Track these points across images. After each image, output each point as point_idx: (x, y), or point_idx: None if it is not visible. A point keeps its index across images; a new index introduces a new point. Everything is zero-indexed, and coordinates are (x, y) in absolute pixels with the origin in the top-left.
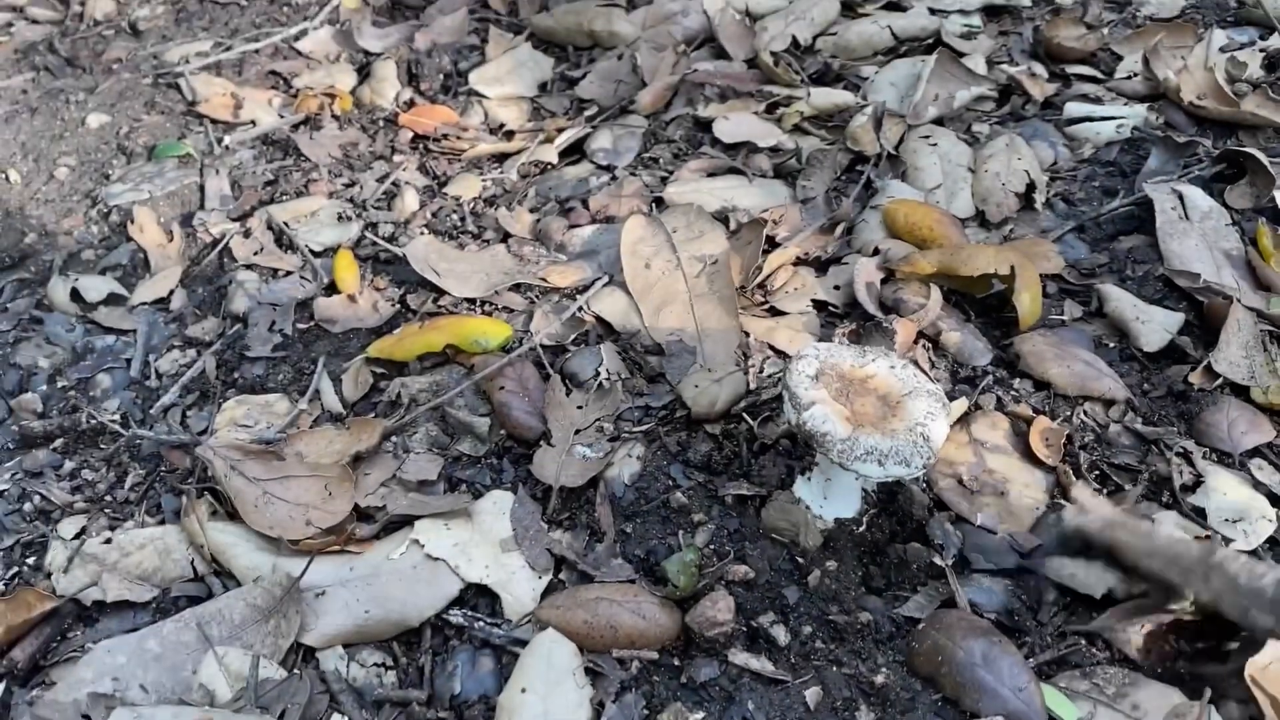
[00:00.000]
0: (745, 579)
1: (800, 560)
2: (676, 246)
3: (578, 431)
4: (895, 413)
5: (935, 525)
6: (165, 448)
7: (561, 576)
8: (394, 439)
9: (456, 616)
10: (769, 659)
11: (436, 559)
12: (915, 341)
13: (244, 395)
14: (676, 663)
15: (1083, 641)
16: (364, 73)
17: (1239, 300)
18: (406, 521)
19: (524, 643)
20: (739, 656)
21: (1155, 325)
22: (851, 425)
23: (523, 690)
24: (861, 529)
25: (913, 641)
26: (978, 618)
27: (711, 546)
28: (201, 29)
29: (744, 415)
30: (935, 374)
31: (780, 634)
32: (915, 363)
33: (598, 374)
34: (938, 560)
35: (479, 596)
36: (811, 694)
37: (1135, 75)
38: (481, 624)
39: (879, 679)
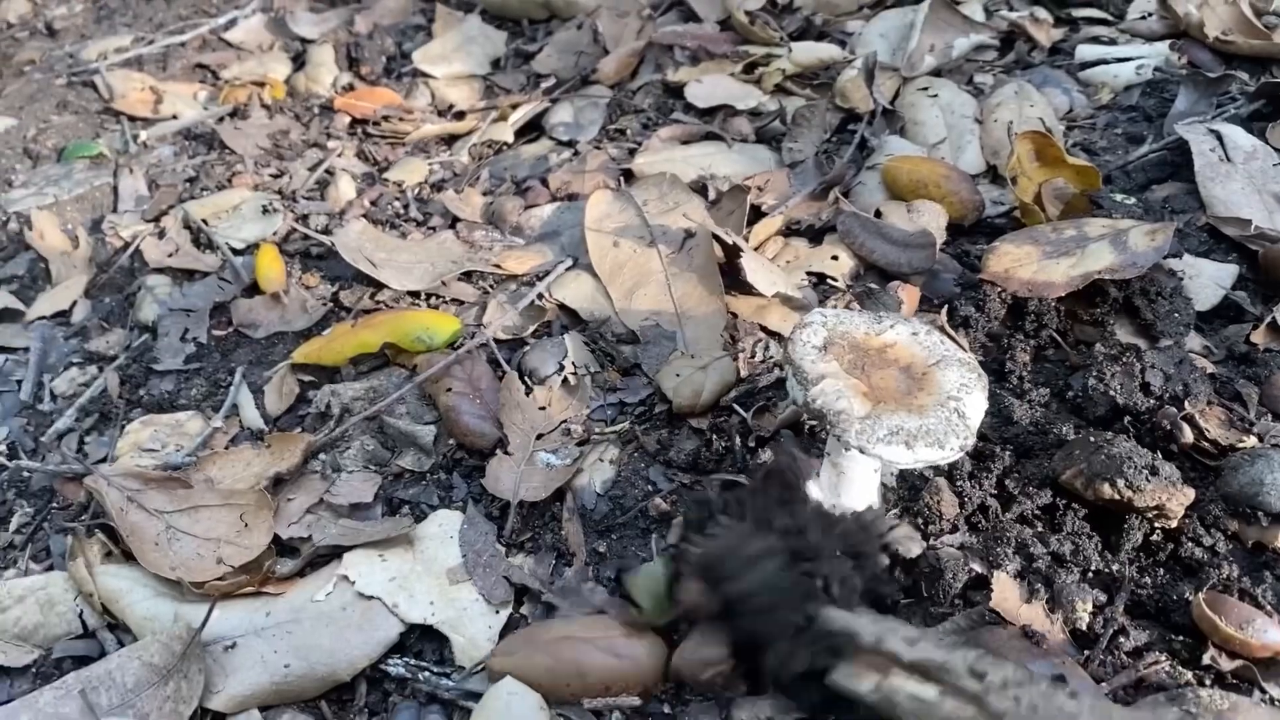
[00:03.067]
0: None
1: None
2: (649, 220)
3: (540, 436)
4: (922, 386)
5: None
6: (58, 480)
7: (524, 610)
8: (323, 456)
9: (396, 666)
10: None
11: (370, 597)
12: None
13: (150, 415)
14: (667, 710)
15: (1163, 657)
16: (300, 61)
17: None
18: (335, 554)
19: (478, 695)
20: (745, 711)
21: (1206, 280)
22: (871, 402)
23: None
24: None
25: None
26: (1033, 635)
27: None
28: (123, 25)
29: (735, 406)
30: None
31: None
32: (942, 328)
33: (562, 368)
34: (976, 566)
35: (424, 641)
36: None
37: (1150, 15)
38: (427, 674)
39: None
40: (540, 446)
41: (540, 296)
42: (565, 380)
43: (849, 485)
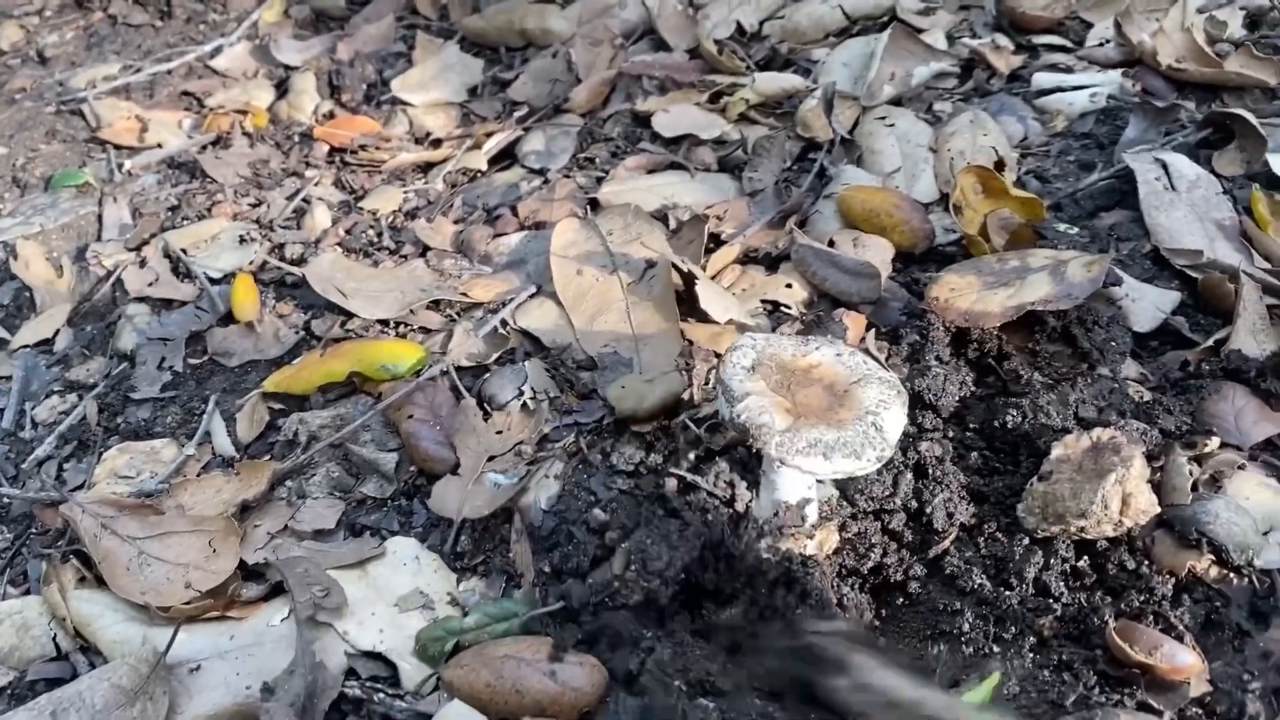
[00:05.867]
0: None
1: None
2: (612, 250)
3: (492, 458)
4: (843, 402)
5: None
6: (37, 506)
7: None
8: (289, 483)
9: (352, 688)
10: None
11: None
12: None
13: (127, 442)
14: None
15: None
16: (283, 88)
17: (1245, 273)
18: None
19: (429, 717)
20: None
21: (1147, 304)
22: (792, 417)
23: None
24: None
25: None
26: None
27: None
28: (113, 53)
29: (687, 422)
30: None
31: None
32: (867, 350)
33: (521, 394)
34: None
35: (380, 662)
36: None
37: (1107, 42)
38: (382, 695)
39: None
40: (490, 468)
41: (504, 324)
42: (524, 405)
43: (781, 501)
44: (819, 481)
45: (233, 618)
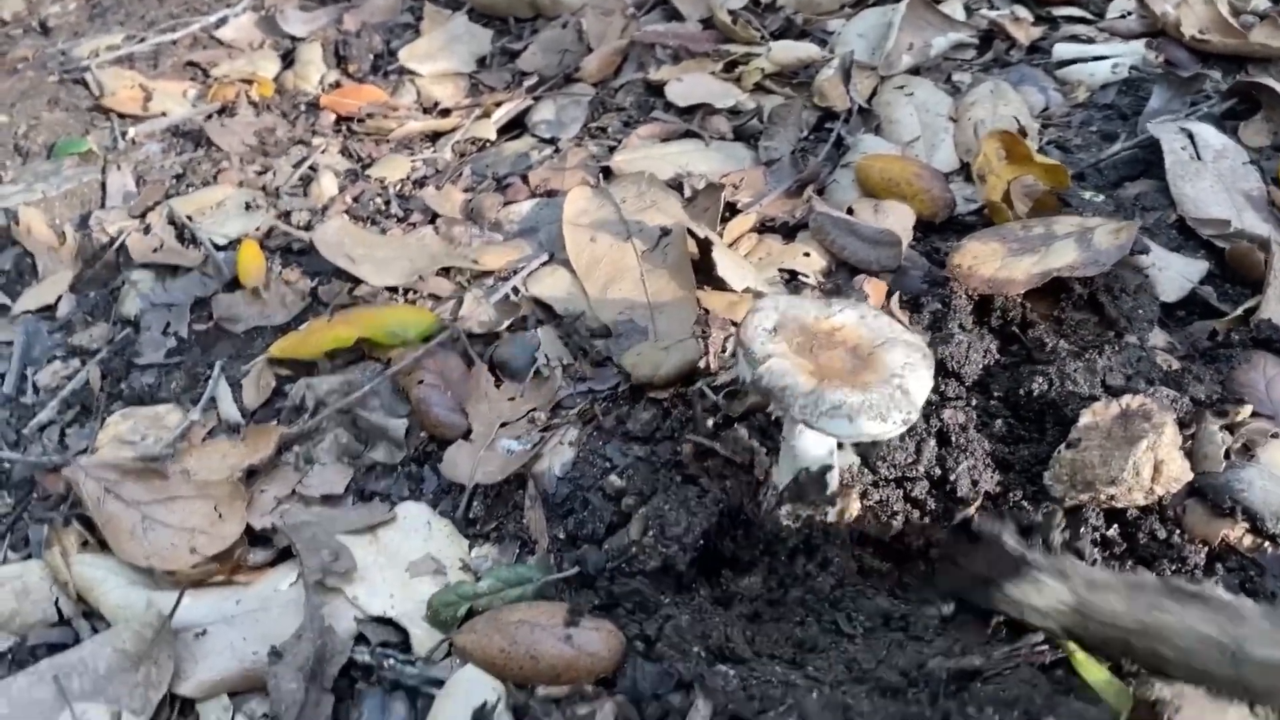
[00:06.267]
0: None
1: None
2: (625, 217)
3: (504, 425)
4: (868, 365)
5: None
6: (39, 471)
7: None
8: (296, 449)
9: (362, 654)
10: None
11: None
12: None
13: (131, 408)
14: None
15: None
16: (289, 59)
17: (1277, 243)
18: None
19: (441, 682)
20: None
21: (1174, 274)
22: (816, 379)
23: None
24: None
25: None
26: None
27: (650, 535)
28: (116, 23)
29: (704, 389)
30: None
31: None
32: (891, 313)
33: (534, 361)
34: None
35: (390, 628)
36: None
37: (1129, 14)
38: (392, 661)
39: None
40: (503, 434)
41: (515, 291)
42: (537, 372)
43: (802, 468)
44: (839, 447)
45: (239, 583)
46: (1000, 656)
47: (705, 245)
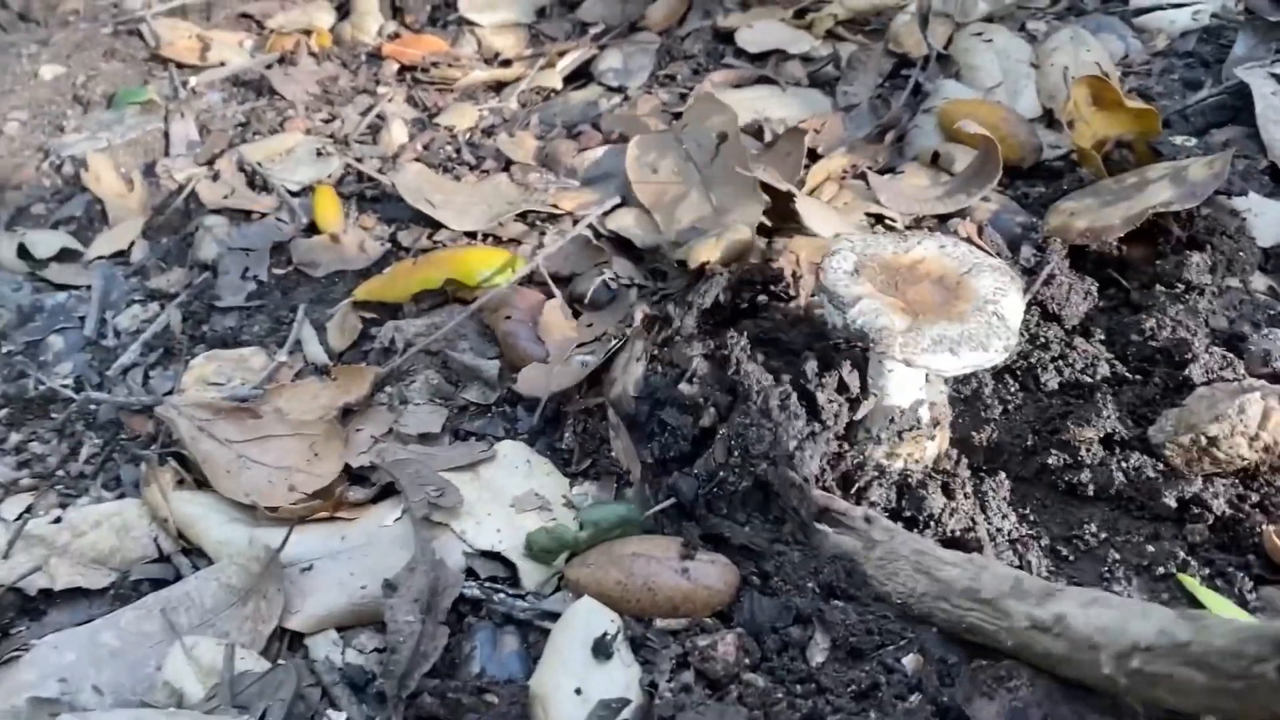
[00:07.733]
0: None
1: None
2: (683, 140)
3: (581, 346)
4: (958, 295)
5: None
6: (125, 412)
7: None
8: (388, 389)
9: (471, 588)
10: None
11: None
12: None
13: (214, 350)
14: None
15: None
16: (343, 11)
17: None
18: None
19: (555, 615)
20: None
21: (1270, 219)
22: (909, 316)
23: (557, 672)
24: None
25: None
26: None
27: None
28: None
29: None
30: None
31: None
32: (969, 239)
33: (610, 291)
34: None
35: (500, 561)
36: None
37: None
38: (502, 595)
39: None
40: (577, 352)
41: (593, 230)
42: (613, 296)
43: (895, 406)
44: (926, 380)
45: (343, 518)
46: None
47: (786, 197)
